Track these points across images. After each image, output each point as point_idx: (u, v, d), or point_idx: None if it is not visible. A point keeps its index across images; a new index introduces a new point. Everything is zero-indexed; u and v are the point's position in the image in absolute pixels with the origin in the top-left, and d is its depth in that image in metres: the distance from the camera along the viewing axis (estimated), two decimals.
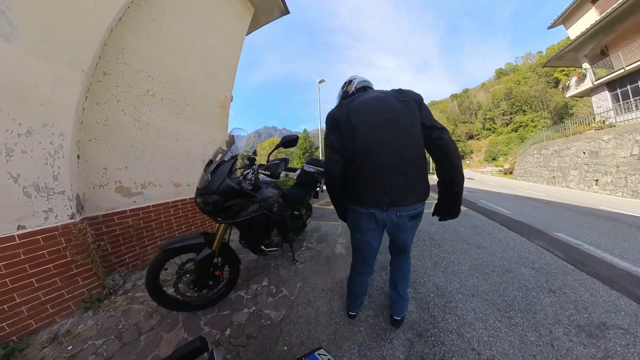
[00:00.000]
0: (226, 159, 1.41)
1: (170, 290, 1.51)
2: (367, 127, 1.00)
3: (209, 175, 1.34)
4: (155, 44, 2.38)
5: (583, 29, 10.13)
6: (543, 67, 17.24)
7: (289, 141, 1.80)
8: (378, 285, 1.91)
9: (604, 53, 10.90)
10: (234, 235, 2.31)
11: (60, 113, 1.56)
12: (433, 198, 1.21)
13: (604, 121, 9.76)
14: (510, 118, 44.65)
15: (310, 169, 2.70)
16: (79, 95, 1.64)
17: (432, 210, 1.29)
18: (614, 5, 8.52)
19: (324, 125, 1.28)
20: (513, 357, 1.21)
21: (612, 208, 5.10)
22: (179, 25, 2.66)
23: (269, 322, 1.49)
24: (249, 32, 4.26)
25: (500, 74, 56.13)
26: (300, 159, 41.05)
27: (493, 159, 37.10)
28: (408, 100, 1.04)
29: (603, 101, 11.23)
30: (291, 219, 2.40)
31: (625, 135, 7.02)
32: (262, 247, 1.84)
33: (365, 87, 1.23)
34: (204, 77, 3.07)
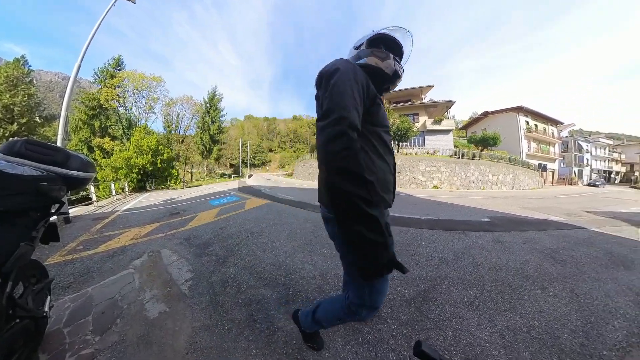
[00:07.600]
0: None
1: None
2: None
3: None
4: None
5: None
6: (314, 124, 34.82)
7: None
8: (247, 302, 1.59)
9: None
10: None
11: None
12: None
13: None
14: (294, 144, 70.06)
15: (23, 169, 0.89)
16: None
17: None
18: None
19: (84, 75, 0.45)
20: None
21: None
22: None
23: None
24: None
25: (294, 118, 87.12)
26: None
27: (283, 167, 53.16)
28: None
29: None
30: None
31: None
32: None
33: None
34: None
